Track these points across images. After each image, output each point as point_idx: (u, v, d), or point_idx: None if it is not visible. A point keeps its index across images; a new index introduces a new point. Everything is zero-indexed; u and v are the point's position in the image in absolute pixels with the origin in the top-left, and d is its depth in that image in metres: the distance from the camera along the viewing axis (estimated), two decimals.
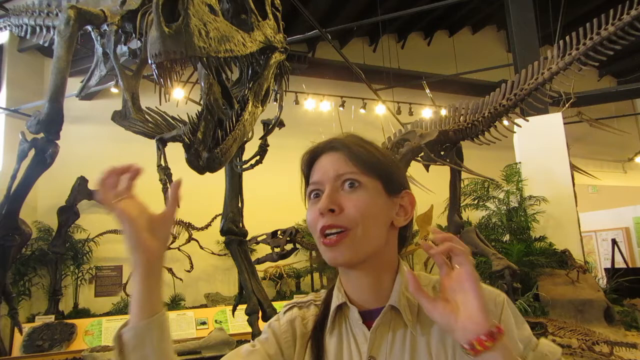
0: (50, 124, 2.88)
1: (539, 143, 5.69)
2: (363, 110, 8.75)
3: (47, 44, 3.85)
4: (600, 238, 8.21)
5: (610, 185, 10.97)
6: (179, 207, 0.86)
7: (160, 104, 2.67)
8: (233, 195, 3.34)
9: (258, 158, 2.92)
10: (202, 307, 6.72)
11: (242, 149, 3.15)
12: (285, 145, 3.90)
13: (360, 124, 8.28)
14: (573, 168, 5.96)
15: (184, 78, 2.63)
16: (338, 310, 0.91)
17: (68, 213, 6.13)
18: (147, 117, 2.79)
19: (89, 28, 2.89)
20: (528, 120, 4.55)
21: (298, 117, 8.04)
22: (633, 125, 12.81)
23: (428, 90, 8.44)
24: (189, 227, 7.28)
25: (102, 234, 6.69)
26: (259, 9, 2.20)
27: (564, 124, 5.77)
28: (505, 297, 0.87)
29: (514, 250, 5.00)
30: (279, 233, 5.99)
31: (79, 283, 6.72)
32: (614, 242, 6.94)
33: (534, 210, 5.52)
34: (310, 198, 0.91)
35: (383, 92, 8.65)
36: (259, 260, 6.01)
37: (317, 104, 8.54)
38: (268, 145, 2.93)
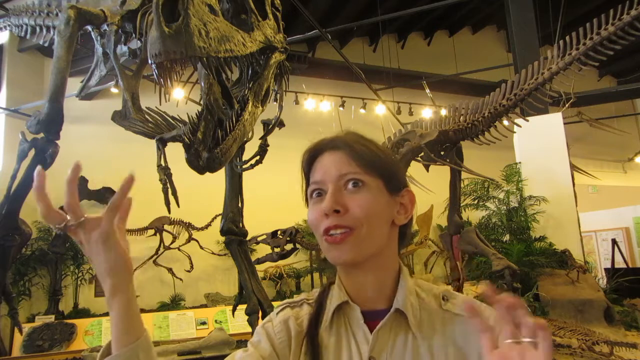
0: (50, 124, 2.87)
1: (539, 143, 5.69)
2: (363, 110, 8.75)
3: (47, 44, 3.84)
4: (600, 238, 8.21)
5: (610, 185, 10.97)
6: (178, 206, 0.85)
7: (160, 104, 2.66)
8: (233, 195, 3.34)
9: (258, 158, 2.92)
10: (202, 307, 6.73)
11: (242, 149, 3.14)
12: (285, 145, 3.90)
13: (360, 124, 8.27)
14: (573, 168, 5.95)
15: (184, 78, 2.63)
16: (338, 309, 0.90)
17: None
18: (147, 117, 2.78)
19: (89, 28, 2.88)
20: (528, 120, 4.54)
21: (298, 117, 8.04)
22: (633, 125, 12.82)
23: (428, 90, 8.43)
24: (189, 227, 7.28)
25: None
26: (259, 9, 2.20)
27: (564, 124, 5.78)
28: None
29: (514, 250, 5.00)
30: (279, 233, 5.99)
31: (79, 283, 6.72)
32: (614, 242, 6.94)
33: (534, 210, 5.52)
34: (312, 197, 0.90)
35: (383, 92, 8.65)
36: (259, 260, 6.01)
37: (317, 104, 8.55)
38: (268, 145, 2.93)
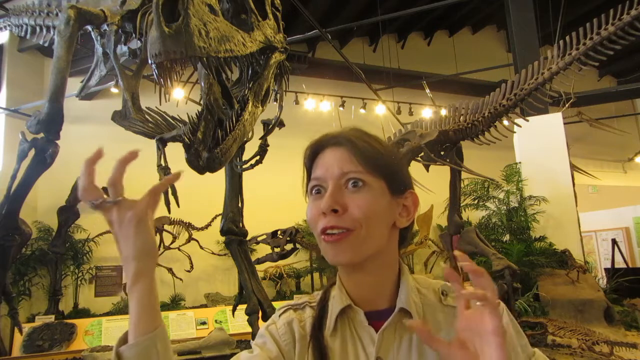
0: (50, 124, 2.88)
1: (539, 143, 5.70)
2: (363, 110, 8.75)
3: (47, 44, 3.84)
4: (600, 238, 8.21)
5: (610, 185, 10.97)
6: (178, 206, 0.84)
7: (160, 104, 2.66)
8: (233, 195, 3.34)
9: (258, 158, 2.92)
10: (202, 307, 6.72)
11: (242, 149, 3.15)
12: (285, 145, 3.90)
13: (360, 124, 8.05)
14: (573, 168, 5.95)
15: (184, 78, 2.63)
16: (341, 313, 0.88)
17: (68, 213, 6.12)
18: (147, 117, 2.78)
19: (89, 28, 2.88)
20: (528, 120, 4.54)
21: (298, 117, 8.04)
22: (633, 125, 12.81)
23: (428, 90, 8.43)
24: (189, 227, 7.28)
25: (102, 234, 6.67)
26: (259, 9, 2.20)
27: (564, 124, 5.78)
28: (504, 305, 0.85)
29: (514, 250, 5.01)
30: (279, 233, 5.99)
31: (79, 283, 6.72)
32: (614, 242, 6.95)
33: (534, 210, 5.53)
34: (312, 194, 0.87)
35: (383, 92, 8.65)
36: (259, 260, 6.01)
37: (317, 104, 8.54)
38: (268, 145, 2.93)
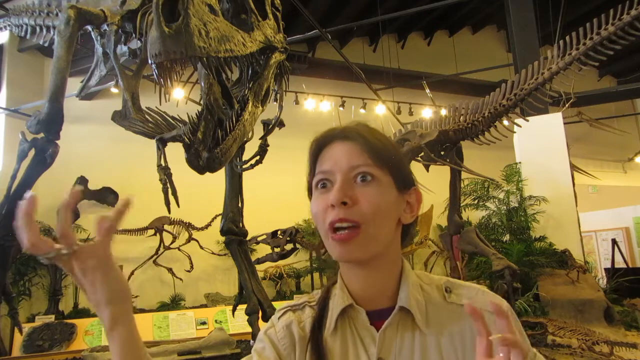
0: (50, 124, 2.87)
1: (539, 143, 5.70)
2: (363, 110, 8.75)
3: (47, 44, 3.84)
4: (600, 238, 8.21)
5: (610, 185, 10.97)
6: (178, 206, 0.83)
7: (160, 104, 2.67)
8: (233, 195, 3.34)
9: (258, 158, 2.92)
10: (202, 307, 6.72)
11: (242, 149, 3.15)
12: (285, 145, 3.90)
13: None
14: (573, 168, 5.96)
15: (184, 78, 2.63)
16: (342, 313, 0.87)
17: None
18: (147, 117, 2.78)
19: (89, 28, 2.88)
20: (528, 120, 4.55)
21: (298, 117, 8.04)
22: (633, 125, 12.82)
23: (428, 90, 8.43)
24: (189, 227, 7.28)
25: None
26: (259, 9, 2.20)
27: (564, 124, 5.78)
28: (508, 305, 0.84)
29: (514, 250, 5.01)
30: (279, 233, 5.99)
31: None
32: (614, 242, 6.95)
33: (534, 210, 5.53)
34: (317, 188, 0.86)
35: (383, 92, 8.65)
36: (259, 260, 6.02)
37: (317, 104, 8.55)
38: (268, 145, 2.93)
